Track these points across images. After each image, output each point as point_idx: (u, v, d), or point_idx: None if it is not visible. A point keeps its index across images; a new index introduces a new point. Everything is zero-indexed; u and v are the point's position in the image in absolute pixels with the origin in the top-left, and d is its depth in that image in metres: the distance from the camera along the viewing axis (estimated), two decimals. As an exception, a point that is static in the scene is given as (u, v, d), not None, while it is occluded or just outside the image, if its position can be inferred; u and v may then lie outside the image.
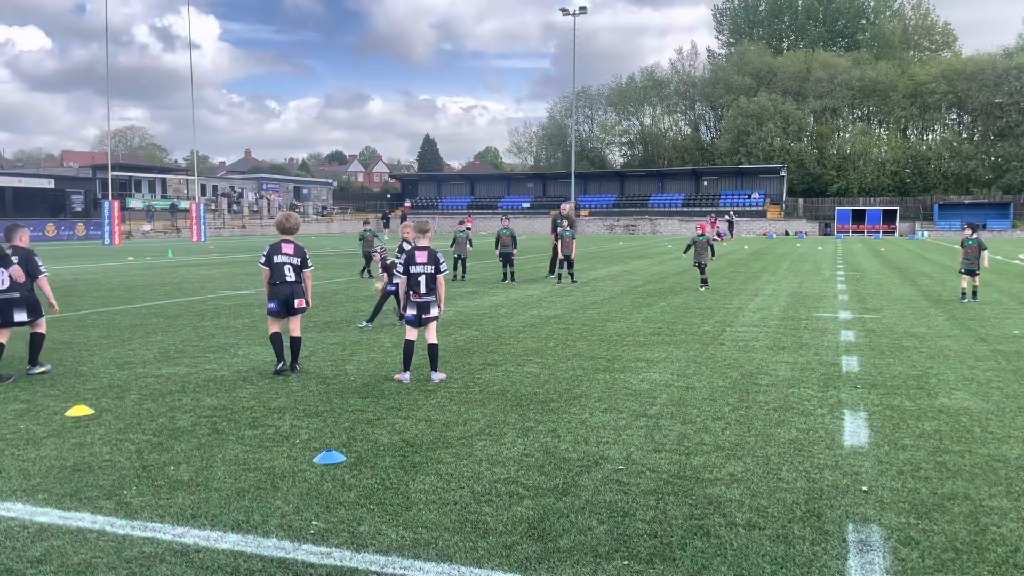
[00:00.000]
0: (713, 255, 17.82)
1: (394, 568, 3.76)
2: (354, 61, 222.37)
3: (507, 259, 20.02)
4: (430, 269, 7.95)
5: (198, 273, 23.10)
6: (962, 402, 7.09)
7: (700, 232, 18.00)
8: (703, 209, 69.95)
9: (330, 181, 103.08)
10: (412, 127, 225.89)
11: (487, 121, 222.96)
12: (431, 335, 8.08)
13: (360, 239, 21.50)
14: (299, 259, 8.32)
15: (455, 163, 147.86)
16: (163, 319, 12.75)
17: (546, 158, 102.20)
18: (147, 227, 60.15)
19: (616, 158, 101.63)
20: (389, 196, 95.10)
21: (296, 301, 8.27)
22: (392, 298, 11.66)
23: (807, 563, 3.82)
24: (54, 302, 8.57)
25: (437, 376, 8.07)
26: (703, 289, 17.19)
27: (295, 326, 8.40)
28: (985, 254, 15.22)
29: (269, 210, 76.32)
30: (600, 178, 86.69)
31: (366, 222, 23.41)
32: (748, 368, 8.66)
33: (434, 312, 8.01)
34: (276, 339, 8.29)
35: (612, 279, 20.71)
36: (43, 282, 8.39)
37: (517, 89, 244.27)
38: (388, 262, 11.62)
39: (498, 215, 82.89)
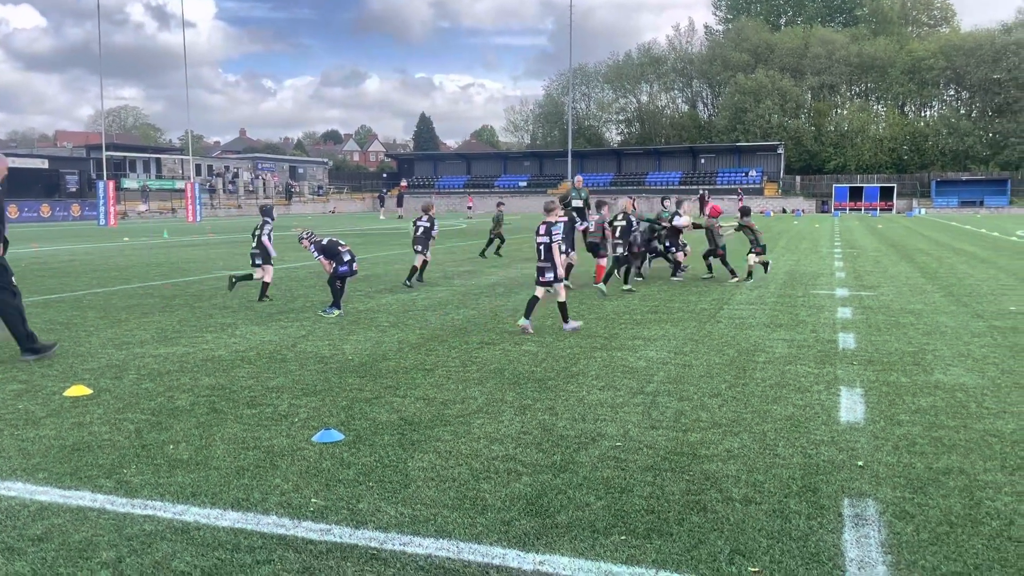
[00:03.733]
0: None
1: (393, 544, 3.79)
2: (350, 39, 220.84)
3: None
4: (545, 239, 9.45)
5: (194, 253, 23.06)
6: (958, 378, 7.12)
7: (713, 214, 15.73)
8: (700, 187, 69.73)
9: (326, 160, 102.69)
10: (408, 106, 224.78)
11: (484, 99, 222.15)
12: (539, 293, 9.57)
13: (494, 220, 21.41)
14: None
15: (451, 142, 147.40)
16: (160, 299, 12.75)
17: (543, 136, 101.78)
18: (142, 207, 59.94)
19: (613, 136, 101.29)
20: (385, 175, 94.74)
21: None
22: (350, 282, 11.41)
23: (803, 537, 3.85)
24: None
25: (568, 326, 9.52)
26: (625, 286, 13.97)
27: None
28: None
29: (264, 190, 76.07)
30: (597, 156, 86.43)
31: (500, 203, 23.02)
32: (745, 345, 8.68)
33: (548, 276, 9.43)
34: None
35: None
36: None
37: (514, 67, 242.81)
38: (324, 243, 11.08)
39: (495, 194, 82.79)
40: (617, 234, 13.73)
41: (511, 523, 4.02)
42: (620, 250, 13.67)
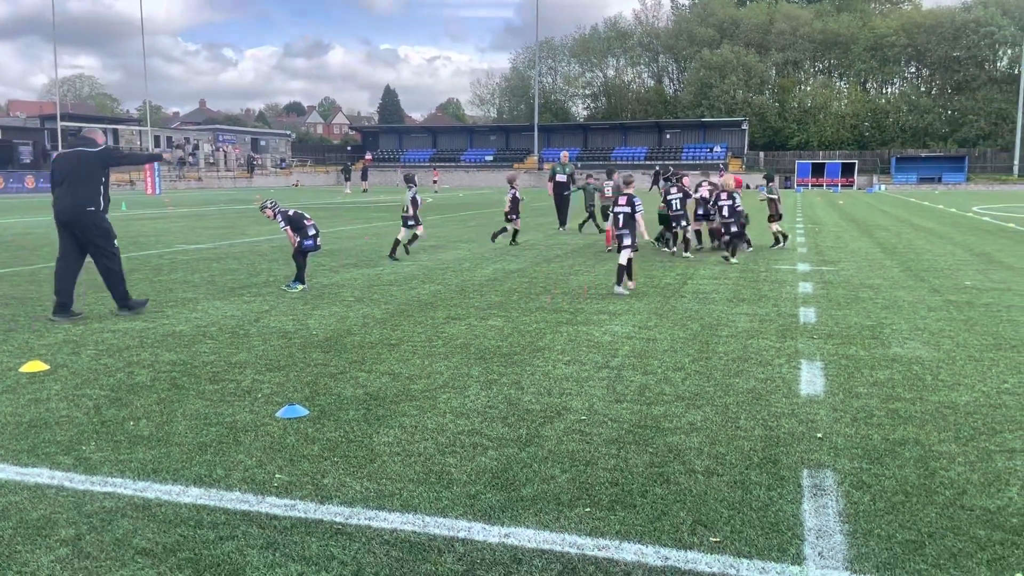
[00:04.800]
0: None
1: (358, 519, 3.79)
2: (314, 9, 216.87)
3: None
4: (627, 210, 10.86)
5: (154, 227, 22.63)
6: (914, 351, 7.28)
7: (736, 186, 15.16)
8: (665, 162, 70.02)
9: (288, 132, 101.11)
10: (373, 78, 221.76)
11: (450, 72, 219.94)
12: (622, 258, 10.75)
13: (583, 190, 20.58)
14: None
15: (417, 115, 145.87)
16: (119, 274, 12.49)
17: (509, 110, 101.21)
18: (100, 180, 58.49)
19: (580, 111, 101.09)
20: (349, 148, 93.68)
21: None
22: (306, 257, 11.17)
23: (763, 507, 3.93)
24: None
25: (619, 290, 10.63)
26: (733, 260, 14.08)
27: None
28: None
29: (226, 162, 74.77)
30: (564, 131, 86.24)
31: (590, 175, 22.47)
32: (708, 320, 8.78)
33: (626, 242, 10.78)
34: None
35: (574, 232, 20.74)
36: None
37: (480, 39, 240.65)
38: (291, 214, 10.82)
39: (462, 168, 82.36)
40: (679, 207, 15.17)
41: (476, 497, 4.04)
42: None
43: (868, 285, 11.42)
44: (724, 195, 14.74)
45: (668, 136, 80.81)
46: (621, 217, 10.88)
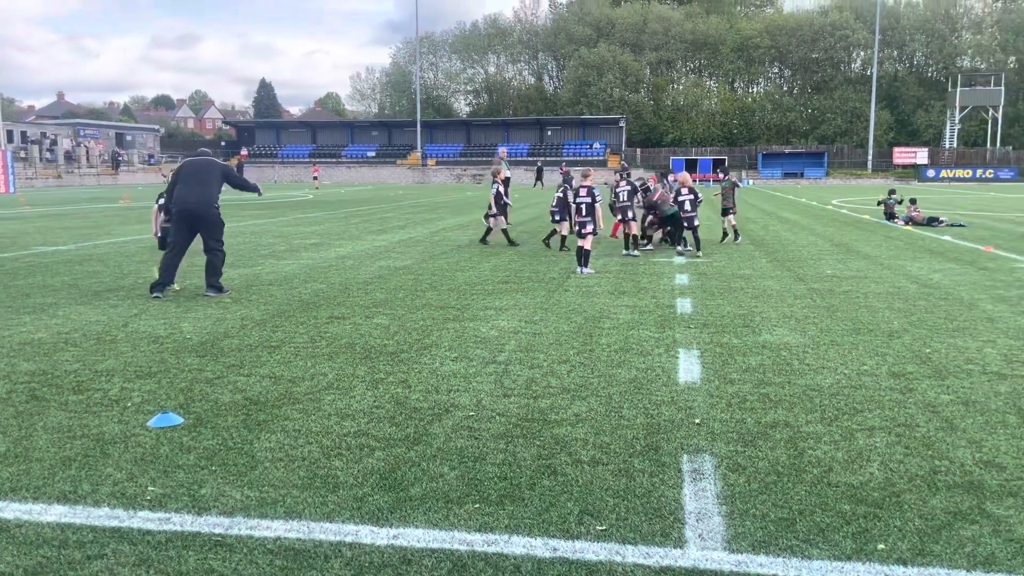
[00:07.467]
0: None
1: (239, 529, 3.65)
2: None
3: None
4: (588, 199, 12.46)
5: (8, 227, 21.04)
6: (782, 337, 7.68)
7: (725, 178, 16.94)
8: (548, 159, 71.05)
9: (157, 127, 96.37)
10: (248, 71, 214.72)
11: (329, 66, 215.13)
12: (585, 243, 12.23)
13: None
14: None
15: (295, 109, 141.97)
16: (-33, 279, 11.55)
17: (391, 106, 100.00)
18: (-56, 177, 53.93)
19: (462, 107, 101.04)
20: (223, 143, 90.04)
21: None
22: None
23: (646, 494, 4.04)
24: None
25: (585, 271, 12.05)
26: (699, 253, 14.61)
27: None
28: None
29: (88, 158, 70.49)
30: (446, 127, 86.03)
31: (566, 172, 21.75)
32: (591, 312, 8.96)
33: (589, 228, 12.28)
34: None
35: (460, 228, 20.74)
36: None
37: (360, 33, 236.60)
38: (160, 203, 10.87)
39: (343, 164, 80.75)
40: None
41: (364, 499, 3.96)
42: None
43: (739, 275, 11.96)
44: (685, 190, 15.12)
45: (549, 133, 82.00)
46: (584, 206, 12.36)
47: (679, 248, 14.72)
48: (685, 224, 14.91)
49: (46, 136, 72.85)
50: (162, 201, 10.90)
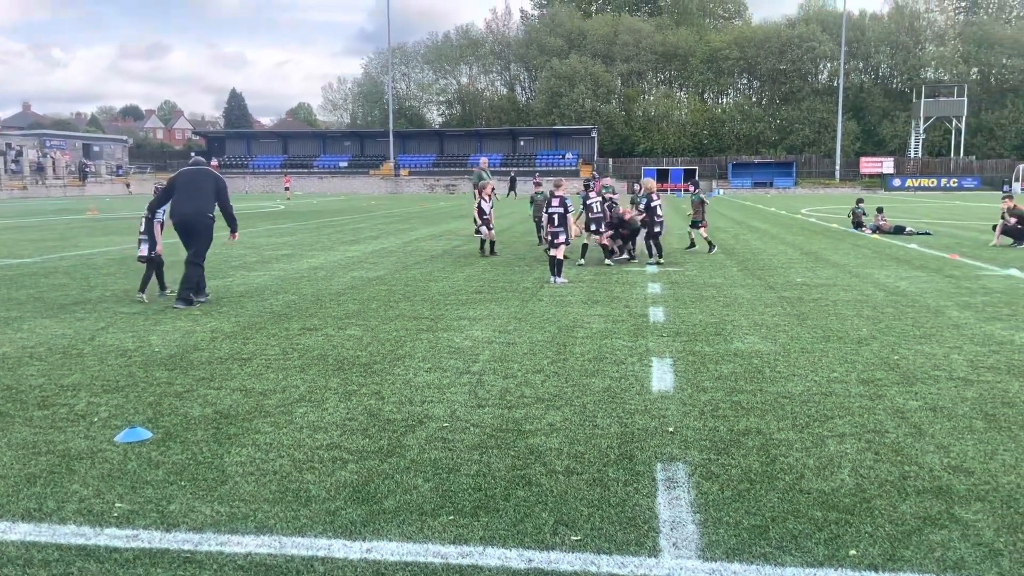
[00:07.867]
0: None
1: (209, 545, 3.59)
2: (152, 7, 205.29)
3: None
4: (560, 210, 12.42)
5: (-29, 240, 20.63)
6: (754, 345, 7.74)
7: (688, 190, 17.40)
8: (521, 169, 71.18)
9: (125, 138, 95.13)
10: (218, 81, 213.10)
11: (300, 77, 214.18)
12: (557, 253, 12.27)
13: (532, 200, 19.58)
14: None
15: (266, 120, 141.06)
16: (-72, 292, 11.30)
17: (363, 116, 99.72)
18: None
19: (435, 117, 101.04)
20: (194, 154, 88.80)
21: None
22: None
23: (621, 503, 4.04)
24: None
25: (559, 280, 12.05)
26: (662, 260, 14.92)
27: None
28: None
29: (54, 170, 69.45)
30: (419, 137, 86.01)
31: (538, 182, 21.84)
32: (565, 322, 8.98)
33: (561, 239, 12.30)
34: None
35: (433, 239, 20.70)
36: None
37: (332, 44, 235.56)
38: (156, 218, 10.72)
39: (315, 174, 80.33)
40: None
41: (336, 513, 3.92)
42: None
43: (711, 284, 12.05)
44: (654, 195, 15.27)
45: (522, 143, 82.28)
46: (556, 217, 12.37)
47: (650, 259, 14.84)
48: (657, 229, 15.04)
49: (11, 147, 71.63)
50: (161, 214, 10.82)
